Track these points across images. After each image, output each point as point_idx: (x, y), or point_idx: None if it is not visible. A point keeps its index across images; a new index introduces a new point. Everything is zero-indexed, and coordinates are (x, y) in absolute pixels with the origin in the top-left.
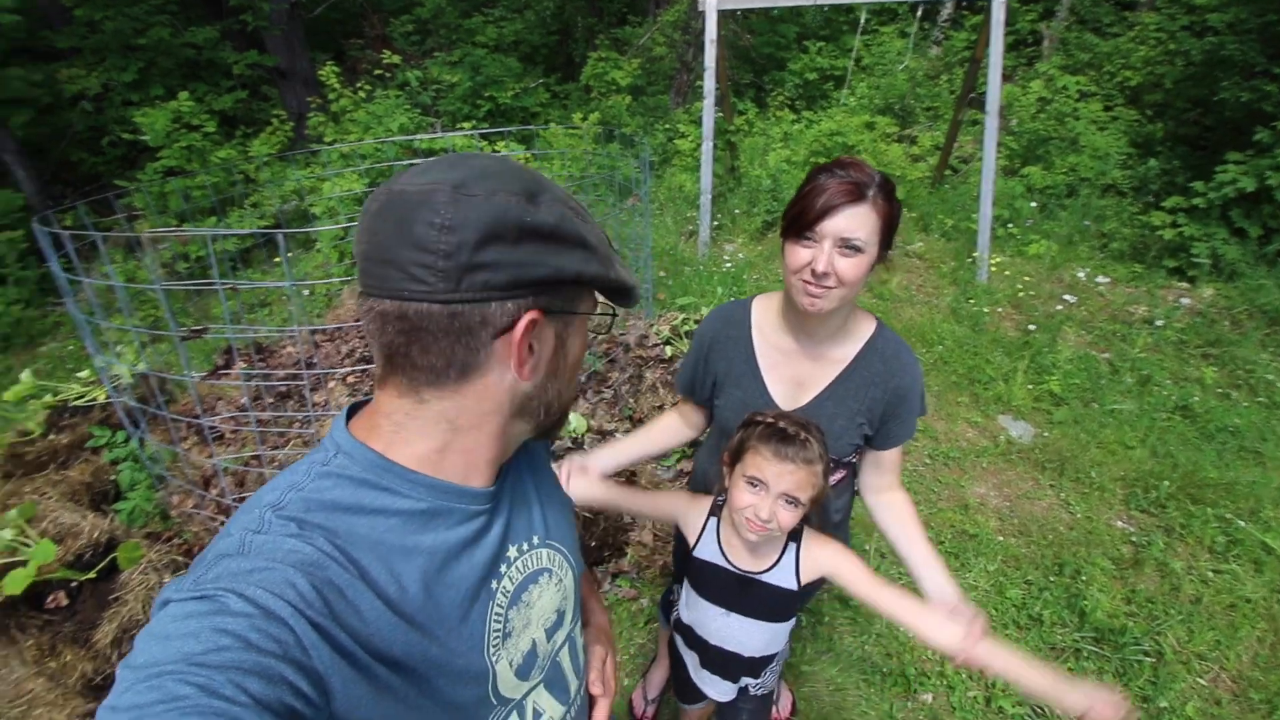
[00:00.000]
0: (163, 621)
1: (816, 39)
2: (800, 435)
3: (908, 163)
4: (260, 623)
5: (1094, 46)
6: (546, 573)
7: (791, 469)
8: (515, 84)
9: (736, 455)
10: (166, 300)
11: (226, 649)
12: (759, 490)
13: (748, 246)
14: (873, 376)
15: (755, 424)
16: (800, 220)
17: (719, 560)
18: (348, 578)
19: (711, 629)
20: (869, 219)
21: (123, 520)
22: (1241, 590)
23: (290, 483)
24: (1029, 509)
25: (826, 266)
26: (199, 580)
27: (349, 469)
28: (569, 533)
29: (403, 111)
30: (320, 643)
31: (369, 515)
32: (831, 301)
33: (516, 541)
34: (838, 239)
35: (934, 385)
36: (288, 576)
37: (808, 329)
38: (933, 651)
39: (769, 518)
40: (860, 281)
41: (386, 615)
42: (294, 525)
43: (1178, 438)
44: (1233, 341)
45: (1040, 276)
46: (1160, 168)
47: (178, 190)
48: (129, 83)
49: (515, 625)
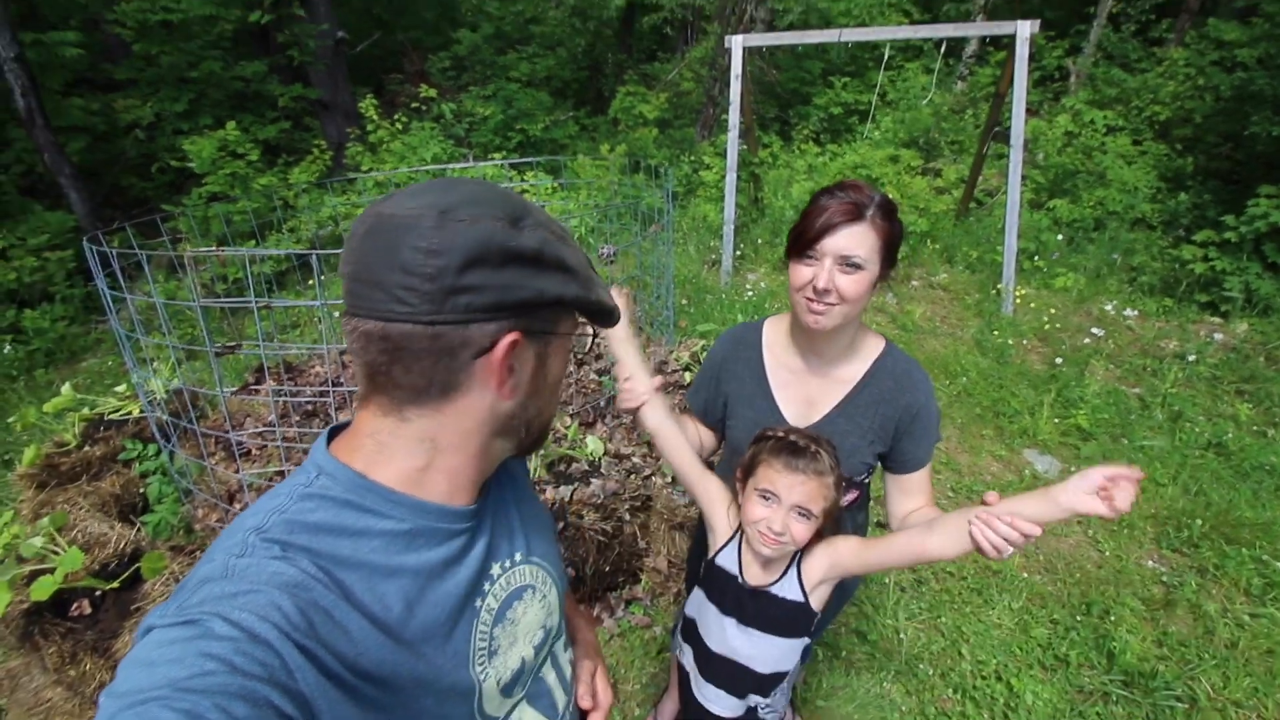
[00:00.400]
0: (146, 648)
1: (842, 74)
2: (811, 448)
3: (932, 195)
4: (245, 646)
5: (1122, 82)
6: (530, 589)
7: (803, 480)
8: (546, 117)
9: (749, 470)
10: (204, 317)
11: (211, 673)
12: (771, 503)
13: (770, 276)
14: (883, 394)
15: (766, 439)
16: (802, 239)
17: (734, 570)
18: (332, 599)
19: (714, 632)
20: (868, 237)
21: (149, 532)
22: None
23: (273, 505)
24: (1055, 546)
25: (827, 283)
26: (183, 605)
27: (331, 490)
28: (551, 549)
29: (436, 142)
30: (306, 665)
31: (352, 537)
32: (834, 318)
33: (499, 559)
34: (838, 256)
35: (958, 417)
36: (272, 599)
37: (817, 348)
38: (953, 690)
39: (782, 530)
40: (862, 298)
41: (374, 635)
42: (277, 547)
43: (1211, 475)
44: (1268, 378)
45: (1067, 309)
46: (1191, 201)
47: (220, 215)
48: (180, 112)
49: (502, 643)
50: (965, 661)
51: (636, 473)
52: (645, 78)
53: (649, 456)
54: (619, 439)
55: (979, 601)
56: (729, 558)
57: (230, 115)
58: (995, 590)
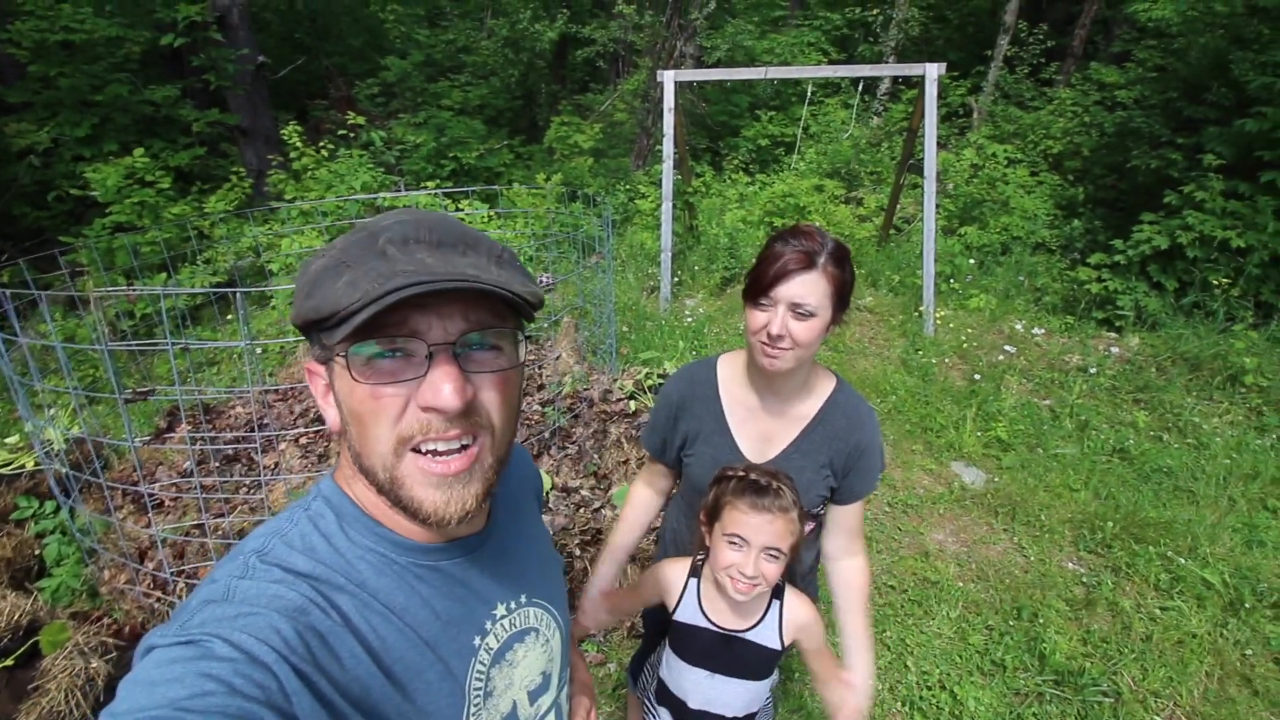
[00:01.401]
0: (146, 668)
1: (768, 108)
2: (773, 485)
3: (855, 223)
4: (244, 668)
5: (1018, 119)
6: (533, 632)
7: (769, 519)
8: (480, 145)
9: (713, 514)
10: (110, 360)
11: (210, 694)
12: (741, 548)
13: (708, 301)
14: (836, 430)
15: (727, 479)
16: (756, 286)
17: (700, 621)
18: (330, 624)
19: (691, 691)
20: (819, 285)
21: (46, 599)
22: (1187, 625)
23: (275, 529)
24: (985, 554)
25: (780, 329)
26: (184, 626)
27: (326, 515)
28: (557, 591)
29: (366, 170)
30: (302, 689)
31: (345, 563)
32: (788, 361)
33: (505, 600)
34: (790, 304)
35: (889, 434)
36: (272, 622)
37: (773, 386)
38: (901, 703)
39: (754, 574)
40: (815, 343)
41: (366, 664)
42: (278, 571)
43: (1117, 479)
44: (1160, 387)
45: (982, 329)
46: (1084, 227)
47: (126, 246)
48: (81, 138)
49: (497, 685)
50: (911, 673)
51: (585, 505)
52: (579, 108)
53: (597, 489)
54: (566, 471)
55: (920, 613)
56: (689, 610)
57: (139, 141)
58: (934, 601)
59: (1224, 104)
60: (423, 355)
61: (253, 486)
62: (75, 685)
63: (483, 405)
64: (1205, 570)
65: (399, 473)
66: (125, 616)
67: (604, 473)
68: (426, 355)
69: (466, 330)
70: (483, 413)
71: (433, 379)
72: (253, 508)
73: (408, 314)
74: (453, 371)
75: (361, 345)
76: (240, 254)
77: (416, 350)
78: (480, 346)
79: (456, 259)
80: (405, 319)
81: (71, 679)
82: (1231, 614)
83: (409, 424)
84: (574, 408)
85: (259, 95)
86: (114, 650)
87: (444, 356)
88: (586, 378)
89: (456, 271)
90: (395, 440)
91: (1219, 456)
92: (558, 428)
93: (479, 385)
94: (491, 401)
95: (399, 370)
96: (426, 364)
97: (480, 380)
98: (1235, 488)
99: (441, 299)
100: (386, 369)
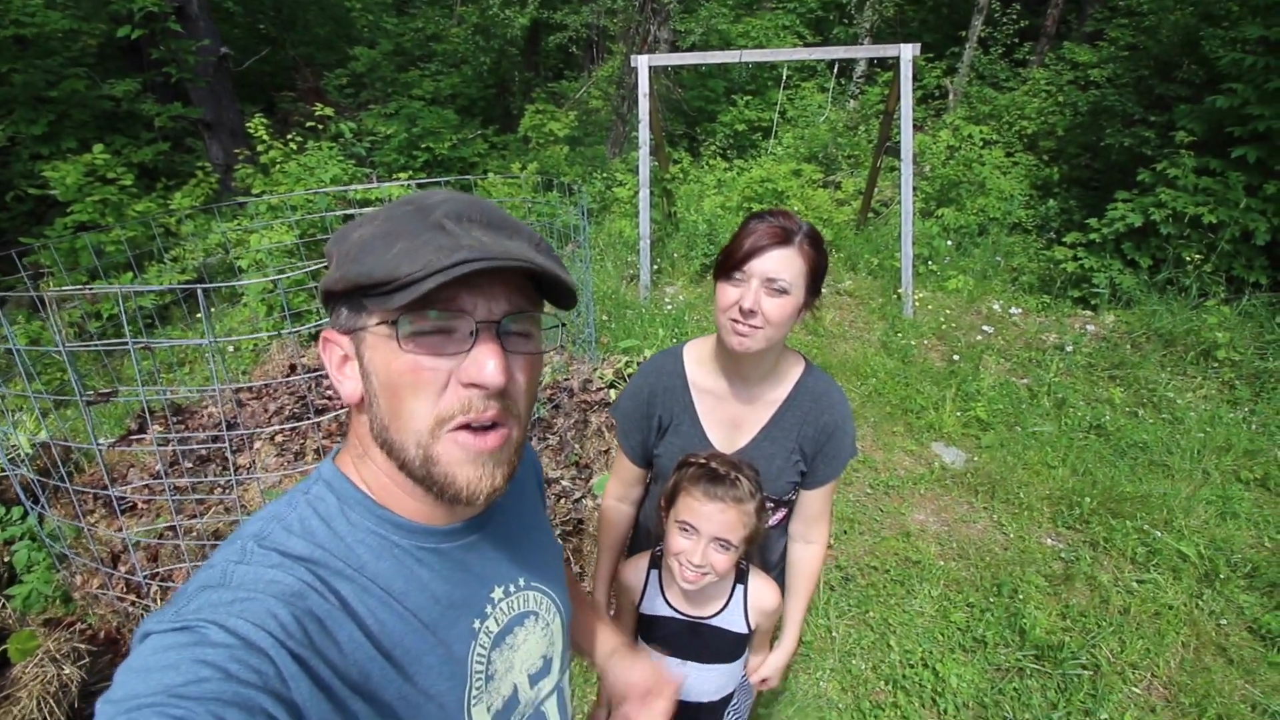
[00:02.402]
0: (142, 654)
1: (744, 93)
2: (730, 475)
3: (833, 206)
4: (240, 653)
5: (993, 100)
6: (533, 616)
7: (720, 509)
8: (452, 135)
9: (670, 499)
10: (73, 363)
11: (206, 680)
12: (690, 535)
13: (688, 289)
14: (805, 415)
15: (688, 465)
16: (730, 259)
17: (665, 611)
18: (328, 608)
19: None
20: (794, 262)
21: (16, 607)
22: (1164, 598)
23: (274, 513)
24: (966, 532)
25: (753, 304)
26: (180, 611)
27: (326, 498)
28: (557, 575)
29: (336, 163)
30: (300, 674)
31: (345, 547)
32: (759, 341)
33: (502, 583)
34: (764, 278)
35: (870, 416)
36: (269, 607)
37: (741, 372)
38: (884, 682)
39: (702, 562)
40: (787, 324)
41: (365, 648)
42: (276, 555)
43: (1094, 455)
44: (1135, 364)
45: (960, 309)
46: (1059, 207)
47: (89, 246)
48: (38, 136)
49: (498, 668)
50: (894, 652)
51: (566, 496)
52: (553, 95)
53: (578, 479)
54: (547, 462)
55: (902, 592)
56: (654, 601)
57: (99, 137)
58: (916, 580)
59: (1195, 81)
60: (467, 332)
61: (227, 487)
62: (48, 693)
63: (516, 387)
64: (1181, 543)
65: (435, 450)
66: (100, 621)
67: (585, 462)
68: (471, 332)
69: (509, 311)
70: (515, 395)
71: (477, 355)
72: (228, 508)
73: (458, 291)
74: (496, 349)
75: (414, 315)
76: (209, 251)
77: (460, 327)
78: (517, 330)
79: (506, 241)
80: (456, 295)
81: (44, 686)
82: (1206, 585)
83: (449, 402)
84: (554, 398)
85: (223, 88)
86: (87, 656)
87: (488, 334)
88: (566, 367)
89: (515, 253)
90: (434, 419)
91: (1193, 430)
92: (538, 418)
93: (514, 367)
94: (522, 384)
95: (442, 344)
96: (470, 340)
97: (514, 362)
98: (1209, 461)
99: (490, 278)
100: (430, 342)
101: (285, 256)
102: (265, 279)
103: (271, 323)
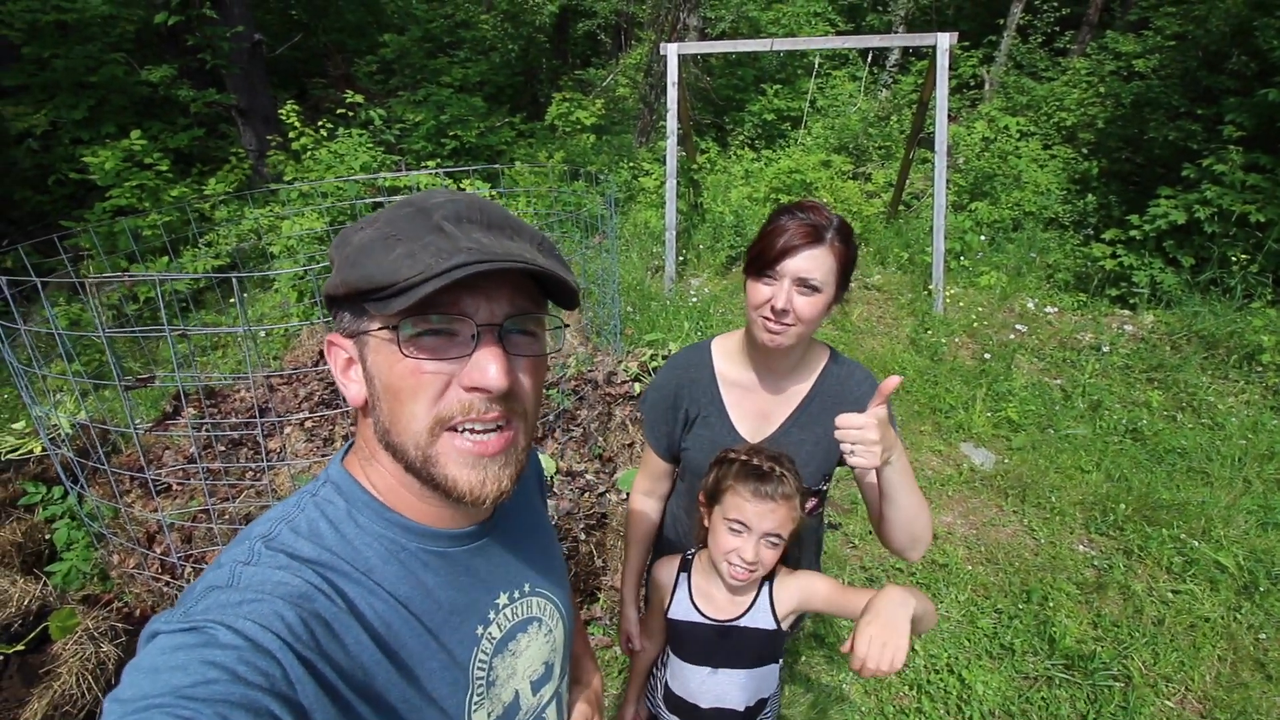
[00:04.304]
0: (151, 654)
1: (773, 82)
2: (776, 471)
3: (863, 199)
4: (248, 655)
5: (1031, 90)
6: (536, 622)
7: (772, 507)
8: (480, 123)
9: (714, 497)
10: (111, 349)
11: (214, 682)
12: (742, 533)
13: (713, 281)
14: (832, 398)
15: (729, 461)
16: (761, 259)
17: (693, 616)
18: (334, 610)
19: (700, 693)
20: (826, 260)
21: (57, 584)
22: (1200, 610)
23: (281, 514)
24: (994, 536)
25: (785, 304)
26: (188, 612)
27: (334, 500)
28: (561, 581)
29: (365, 150)
30: (306, 677)
31: (352, 550)
32: (790, 338)
33: (507, 589)
34: (796, 278)
35: (898, 414)
36: (276, 609)
37: (769, 364)
38: (909, 687)
39: (754, 559)
40: (818, 320)
41: (370, 650)
42: (283, 557)
43: (1130, 460)
44: (1175, 366)
45: (992, 307)
46: (1097, 202)
47: (127, 230)
48: (79, 120)
49: (500, 674)
50: (919, 657)
51: (590, 490)
52: (581, 83)
53: (602, 473)
54: (570, 455)
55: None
56: (682, 607)
57: (136, 123)
58: (942, 584)
59: (1245, 73)
60: (468, 335)
61: (258, 472)
62: (86, 669)
63: (521, 389)
64: (1219, 553)
65: (433, 451)
66: (135, 600)
67: (609, 455)
68: (473, 335)
69: (511, 314)
70: (520, 396)
71: (479, 359)
72: (259, 492)
73: (459, 294)
74: (499, 352)
75: (415, 319)
76: (242, 237)
77: (462, 330)
78: (520, 331)
79: (507, 241)
80: (457, 298)
81: (82, 663)
82: (1245, 597)
83: (449, 404)
84: (579, 390)
85: (256, 74)
86: (124, 635)
87: (490, 337)
88: (591, 359)
89: (515, 254)
90: (432, 420)
91: (1234, 437)
92: (563, 410)
93: (517, 369)
94: (527, 386)
95: (444, 348)
96: (472, 344)
97: (518, 364)
98: (1251, 469)
99: (492, 280)
100: (432, 346)
101: (316, 243)
102: (297, 267)
103: (301, 309)
